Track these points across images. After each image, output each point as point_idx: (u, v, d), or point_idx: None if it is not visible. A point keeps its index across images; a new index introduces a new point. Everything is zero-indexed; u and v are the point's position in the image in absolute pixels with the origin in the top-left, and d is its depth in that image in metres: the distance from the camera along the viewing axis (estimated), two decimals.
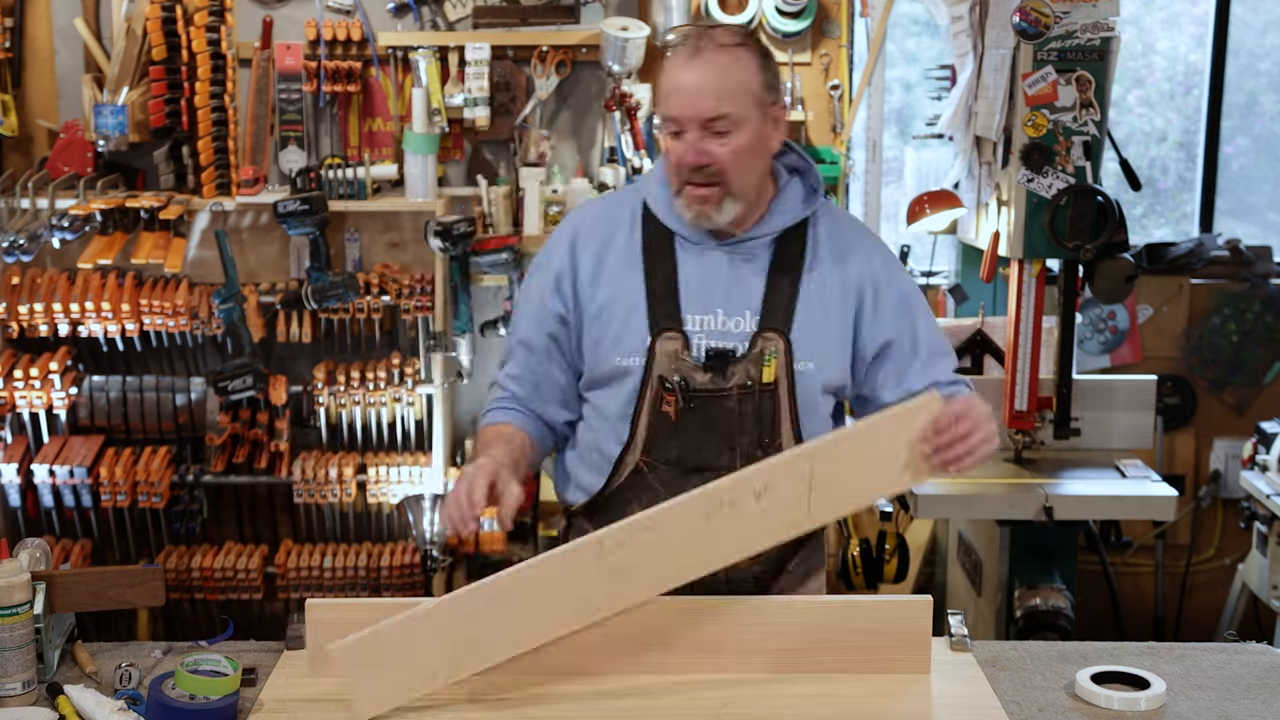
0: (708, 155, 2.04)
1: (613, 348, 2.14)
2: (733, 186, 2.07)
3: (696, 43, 2.04)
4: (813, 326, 2.13)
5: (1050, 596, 3.53)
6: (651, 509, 1.93)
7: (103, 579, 2.12)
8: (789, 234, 2.16)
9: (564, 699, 1.97)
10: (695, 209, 2.09)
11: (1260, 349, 4.42)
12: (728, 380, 2.11)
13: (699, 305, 2.12)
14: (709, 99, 2.01)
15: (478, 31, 3.97)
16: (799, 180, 2.20)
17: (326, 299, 3.87)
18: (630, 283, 2.14)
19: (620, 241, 2.17)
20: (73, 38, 4.00)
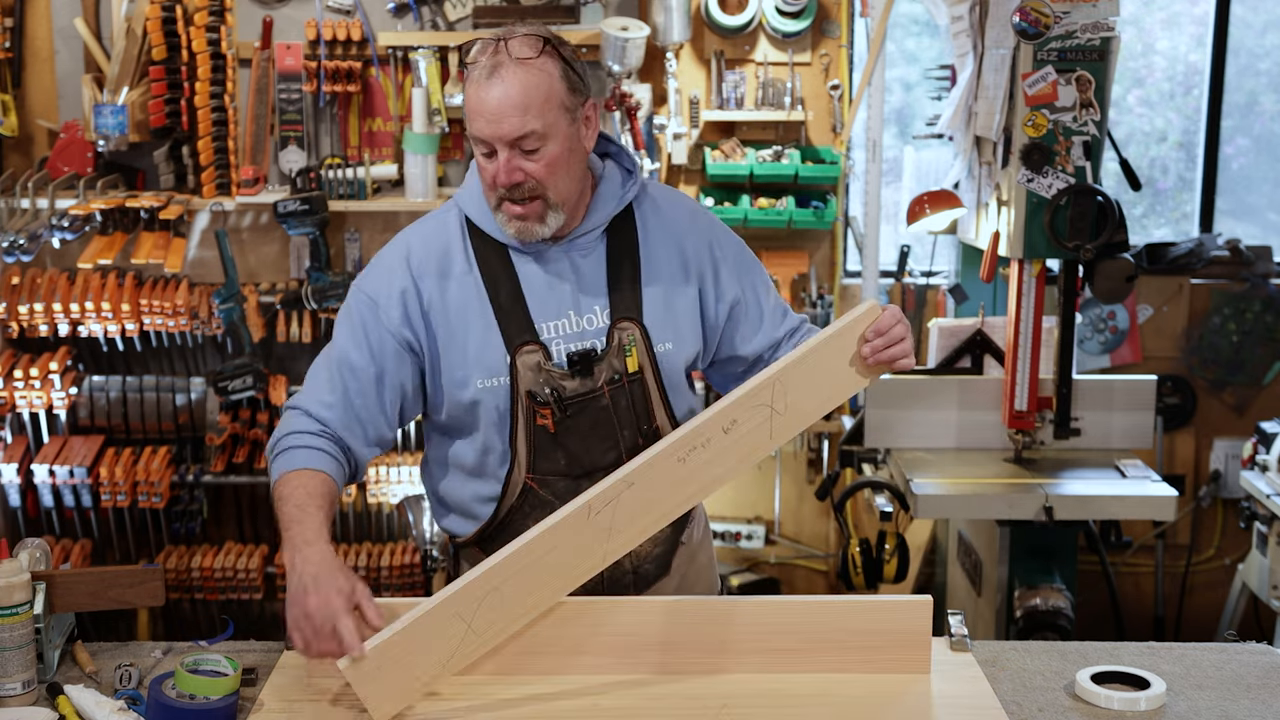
0: (521, 173, 1.98)
1: (473, 371, 2.07)
2: (551, 198, 2.01)
3: (494, 59, 1.95)
4: (663, 307, 2.13)
5: (1050, 596, 3.53)
6: (629, 464, 1.96)
7: (103, 579, 2.12)
8: (617, 220, 2.13)
9: (562, 698, 1.97)
10: (516, 225, 2.03)
11: (1260, 349, 4.42)
12: (596, 380, 2.09)
13: (549, 312, 2.08)
14: (513, 118, 1.94)
15: (478, 31, 3.97)
16: (613, 163, 2.16)
17: (326, 299, 3.87)
18: (475, 302, 2.07)
19: (456, 261, 2.09)
20: (73, 38, 4.00)
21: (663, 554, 2.24)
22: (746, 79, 4.13)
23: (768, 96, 4.10)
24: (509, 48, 1.95)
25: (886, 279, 4.32)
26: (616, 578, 2.18)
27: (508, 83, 1.94)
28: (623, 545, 1.98)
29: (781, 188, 4.12)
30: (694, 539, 2.31)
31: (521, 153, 1.97)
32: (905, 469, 3.60)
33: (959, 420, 3.77)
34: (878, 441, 3.79)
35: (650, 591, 2.24)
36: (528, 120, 1.94)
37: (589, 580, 2.01)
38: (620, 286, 2.10)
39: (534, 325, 2.07)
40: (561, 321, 2.09)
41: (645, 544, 2.15)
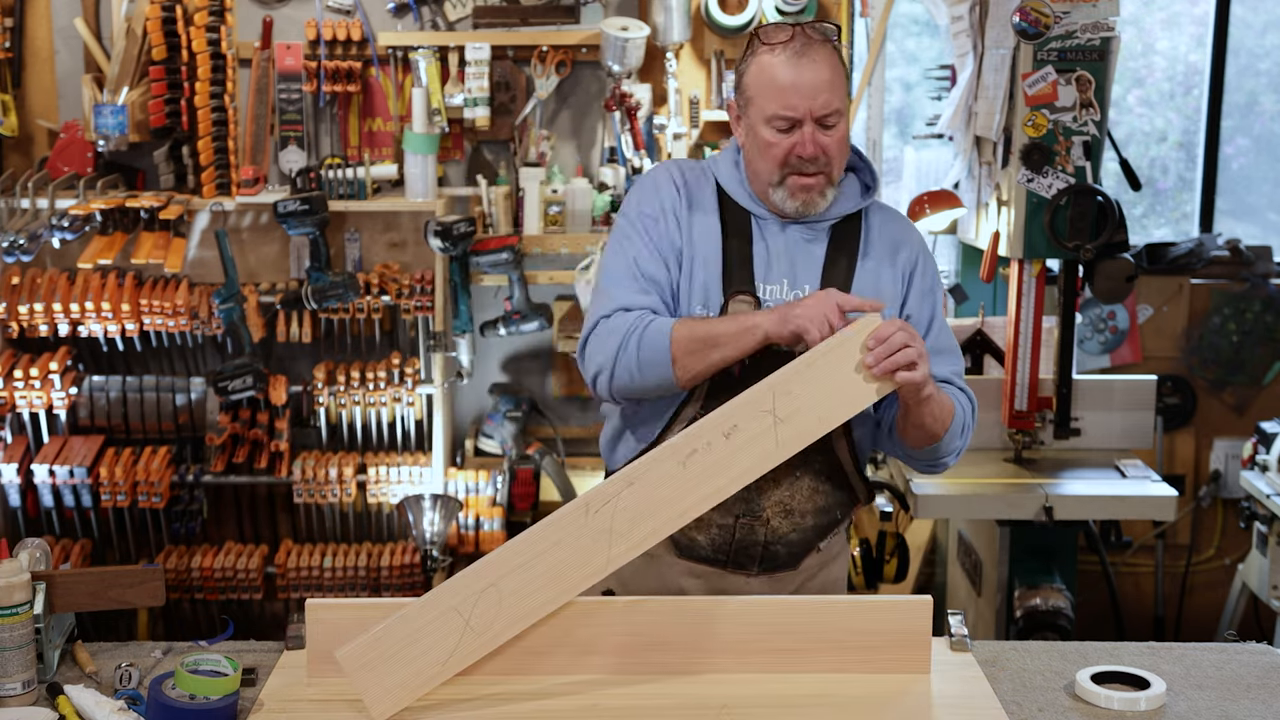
0: (820, 147, 2.15)
1: (692, 294, 2.21)
2: (834, 173, 2.20)
3: (801, 40, 2.13)
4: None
5: (1050, 596, 3.53)
6: (631, 463, 1.99)
7: (103, 579, 2.12)
8: (845, 222, 2.27)
9: (563, 698, 1.97)
10: (801, 198, 2.19)
11: (1260, 349, 4.42)
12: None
13: (769, 275, 2.22)
14: (823, 94, 2.12)
15: (478, 31, 3.97)
16: (855, 176, 2.33)
17: (326, 299, 3.87)
18: (712, 244, 2.23)
19: (707, 200, 2.26)
20: (73, 38, 4.00)
21: (798, 543, 2.28)
22: None
23: None
24: (808, 32, 2.15)
25: None
26: (747, 544, 2.23)
27: (817, 62, 2.13)
28: (625, 552, 1.97)
29: None
30: (831, 551, 2.35)
31: (822, 127, 2.15)
32: (905, 469, 3.60)
33: None
34: None
35: (774, 575, 2.28)
36: (833, 98, 2.14)
37: (720, 536, 2.19)
38: (833, 273, 2.23)
39: (754, 280, 2.21)
40: (775, 286, 2.22)
41: (785, 524, 2.24)
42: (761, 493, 2.20)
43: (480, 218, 3.97)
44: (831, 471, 2.25)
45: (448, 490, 4.04)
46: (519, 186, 4.01)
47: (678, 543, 2.27)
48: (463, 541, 4.03)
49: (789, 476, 2.20)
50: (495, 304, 4.10)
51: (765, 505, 2.22)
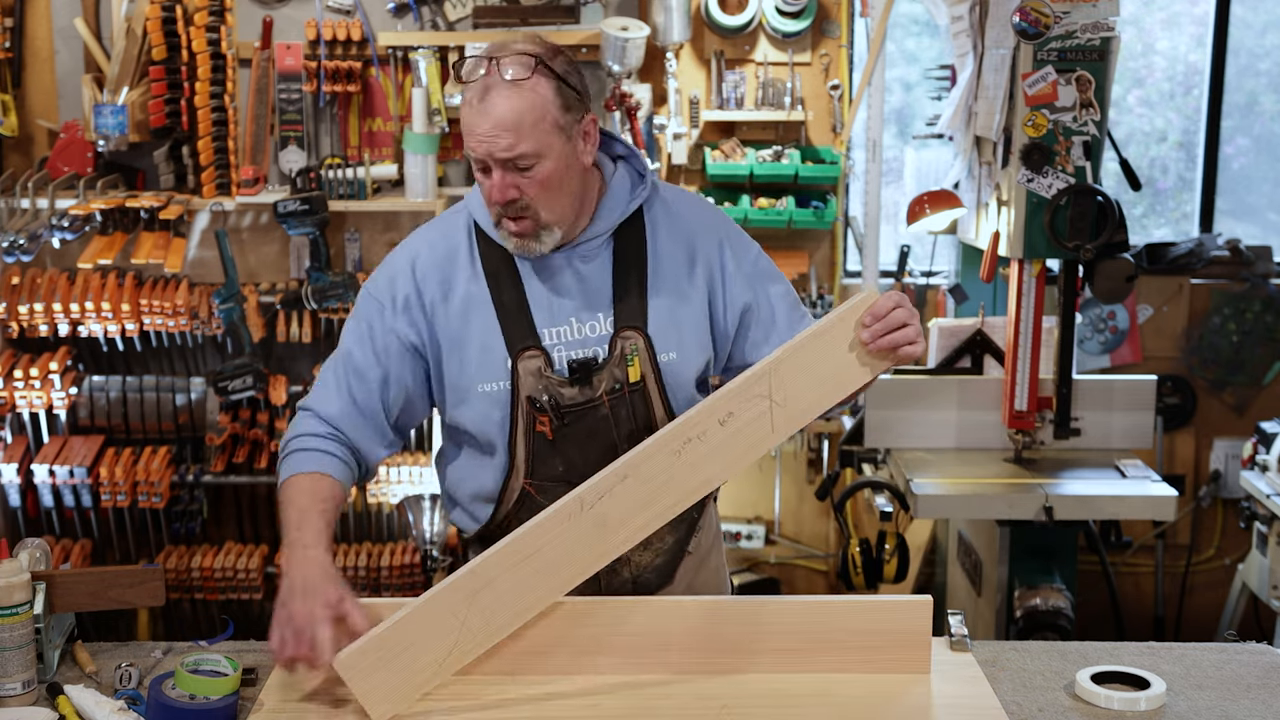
0: (515, 190, 1.99)
1: (475, 374, 2.08)
2: (544, 218, 2.02)
3: (485, 80, 1.95)
4: (668, 316, 2.11)
5: (1050, 596, 3.53)
6: (623, 456, 1.94)
7: (103, 579, 2.12)
8: (625, 226, 2.12)
9: (563, 698, 1.97)
10: (514, 242, 2.05)
11: (1260, 349, 4.42)
12: (596, 389, 2.08)
13: (552, 318, 2.08)
14: (504, 140, 1.95)
15: (478, 31, 3.97)
16: (625, 166, 2.16)
17: (326, 299, 3.87)
18: (480, 307, 2.09)
19: (462, 264, 2.11)
20: (73, 38, 4.00)
21: (665, 564, 2.21)
22: (746, 79, 4.13)
23: (768, 96, 4.10)
24: (500, 68, 1.95)
25: (886, 279, 4.32)
26: (615, 588, 2.16)
27: (500, 105, 1.94)
28: (621, 543, 1.97)
29: (781, 188, 4.12)
30: (702, 547, 2.27)
31: (516, 170, 1.98)
32: (905, 469, 3.60)
33: (959, 420, 3.77)
34: (878, 441, 3.79)
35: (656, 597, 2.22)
36: (520, 142, 1.95)
37: (586, 591, 2.01)
38: (626, 294, 2.09)
39: (536, 331, 2.07)
40: (564, 328, 2.09)
41: (646, 555, 2.15)
42: None
43: None
44: None
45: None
46: None
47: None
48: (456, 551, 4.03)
49: None
50: None
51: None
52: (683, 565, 2.24)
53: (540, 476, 2.11)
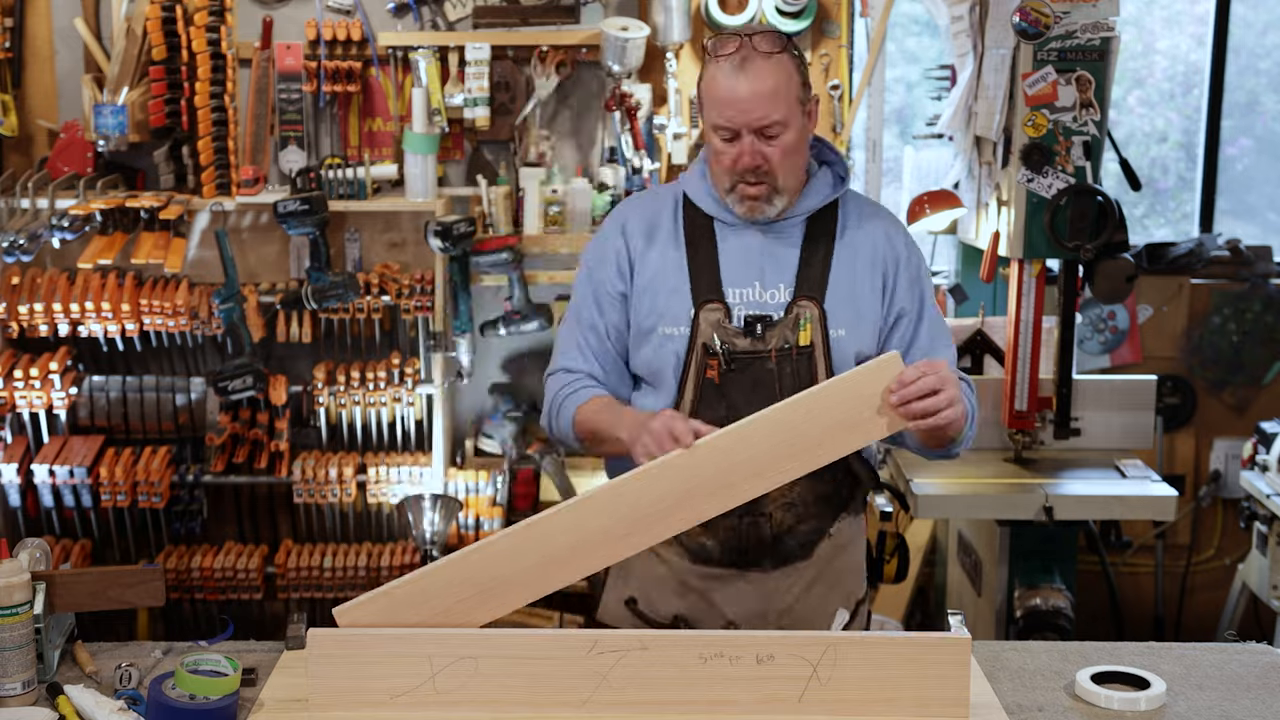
0: (761, 158, 2.18)
1: (659, 318, 2.26)
2: (781, 183, 2.22)
3: (743, 52, 2.15)
4: (845, 296, 2.26)
5: (1050, 596, 3.53)
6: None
7: (103, 579, 2.12)
8: (819, 214, 2.30)
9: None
10: (748, 205, 2.23)
11: (1260, 349, 4.42)
12: (766, 343, 2.23)
13: (738, 279, 2.26)
14: (761, 107, 2.14)
15: (478, 31, 3.97)
16: (828, 169, 2.35)
17: (326, 299, 3.87)
18: (674, 260, 2.28)
19: (665, 224, 2.32)
20: (73, 38, 4.00)
21: (808, 533, 2.29)
22: None
23: None
24: (754, 43, 2.16)
25: None
26: (754, 542, 2.26)
27: (757, 74, 2.15)
28: (658, 532, 2.02)
29: None
30: (843, 535, 2.36)
31: (763, 138, 2.17)
32: (905, 469, 3.60)
33: None
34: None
35: (789, 567, 2.29)
36: (773, 110, 2.15)
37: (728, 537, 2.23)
38: (809, 269, 2.26)
39: (722, 287, 2.25)
40: (747, 289, 2.26)
41: (788, 517, 2.26)
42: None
43: (480, 218, 3.97)
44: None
45: (448, 490, 4.04)
46: (519, 186, 4.01)
47: (689, 549, 2.29)
48: (463, 541, 4.03)
49: None
50: (495, 304, 4.10)
51: (766, 502, 2.24)
52: (823, 544, 2.32)
53: (703, 419, 2.16)
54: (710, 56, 2.20)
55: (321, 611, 3.97)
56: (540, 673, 1.94)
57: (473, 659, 1.94)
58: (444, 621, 1.98)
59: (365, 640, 1.93)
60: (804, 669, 1.94)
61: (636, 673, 1.94)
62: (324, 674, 1.93)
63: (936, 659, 1.96)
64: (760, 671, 1.94)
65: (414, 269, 4.05)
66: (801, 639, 1.94)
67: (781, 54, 2.17)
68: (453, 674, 1.94)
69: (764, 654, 1.93)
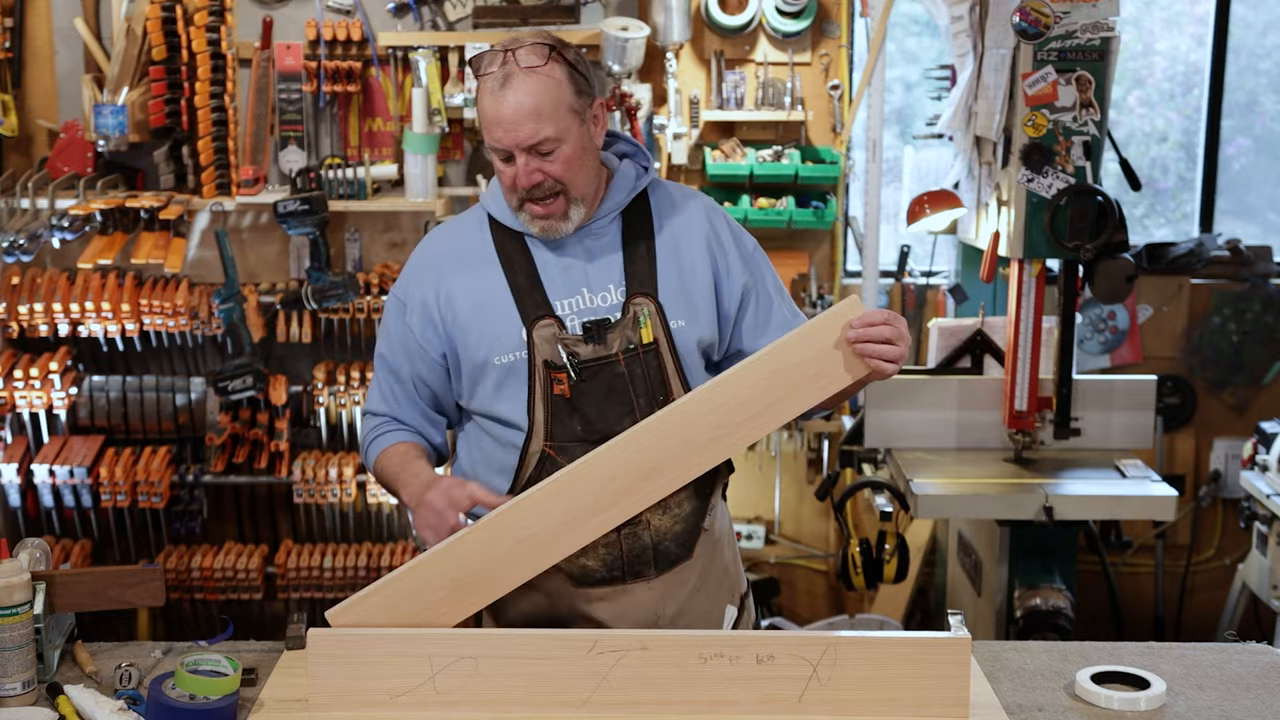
0: (540, 174, 2.10)
1: (492, 348, 2.17)
2: (572, 192, 2.13)
3: (506, 68, 2.06)
4: (677, 286, 2.21)
5: (1050, 596, 3.53)
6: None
7: (103, 579, 2.12)
8: (631, 208, 2.24)
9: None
10: (540, 224, 2.15)
11: (1260, 349, 4.42)
12: (610, 347, 2.16)
13: (564, 290, 2.18)
14: (527, 126, 2.06)
15: (478, 31, 3.97)
16: (629, 162, 2.28)
17: (326, 299, 3.87)
18: (495, 289, 2.19)
19: (476, 255, 2.22)
20: (73, 38, 4.00)
21: (684, 533, 2.24)
22: (746, 79, 4.13)
23: (768, 96, 4.10)
24: (517, 58, 2.06)
25: (886, 279, 4.32)
26: (637, 552, 2.19)
27: (519, 92, 2.05)
28: (636, 502, 2.03)
29: (781, 188, 4.12)
30: (715, 529, 2.31)
31: (538, 155, 2.09)
32: (905, 469, 3.60)
33: (959, 420, 3.77)
34: (878, 441, 3.79)
35: (672, 573, 2.23)
36: (541, 126, 2.06)
37: (609, 554, 2.15)
38: (635, 265, 2.20)
39: (550, 301, 2.17)
40: (576, 298, 2.18)
41: (665, 519, 2.21)
42: None
43: None
44: None
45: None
46: None
47: (571, 574, 2.20)
48: None
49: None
50: None
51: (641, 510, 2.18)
52: (700, 541, 2.27)
53: (560, 438, 2.15)
54: (475, 75, 2.10)
55: (321, 611, 3.94)
56: (540, 673, 1.94)
57: (473, 659, 1.94)
58: (442, 613, 1.98)
59: (365, 640, 1.93)
60: (804, 669, 1.94)
61: (636, 673, 1.94)
62: (324, 674, 1.93)
63: (936, 659, 1.96)
64: (760, 671, 1.94)
65: None
66: (801, 639, 1.94)
67: (546, 66, 2.06)
68: (453, 674, 1.94)
69: (764, 654, 1.93)
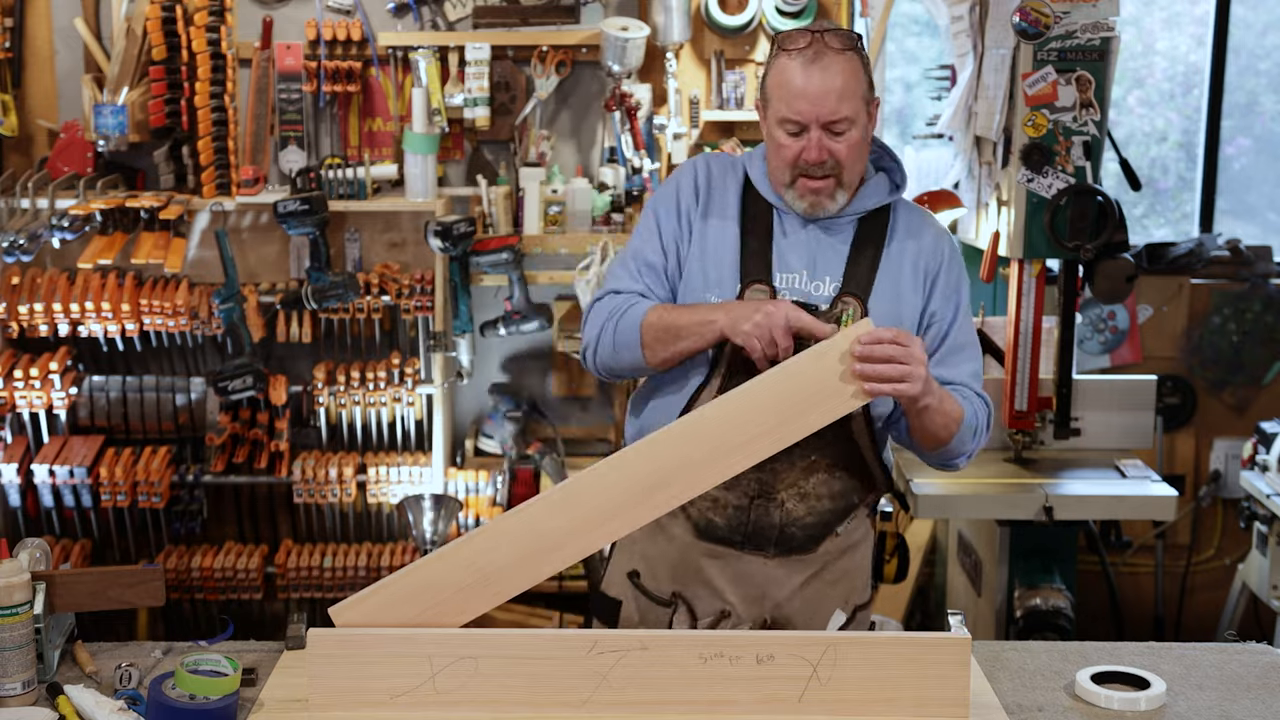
0: (828, 152, 2.19)
1: (709, 286, 2.26)
2: (845, 178, 2.23)
3: (816, 46, 2.17)
4: (888, 296, 2.26)
5: (1050, 596, 3.53)
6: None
7: (103, 579, 2.12)
8: (871, 217, 2.31)
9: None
10: (809, 200, 2.24)
11: (1260, 349, 4.42)
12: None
13: (788, 265, 2.26)
14: (831, 103, 2.16)
15: (478, 31, 3.97)
16: (884, 175, 2.36)
17: (326, 299, 3.87)
18: (731, 233, 2.28)
19: (731, 195, 2.32)
20: (73, 38, 4.00)
21: (814, 525, 2.28)
22: (746, 79, 4.13)
23: None
24: (827, 39, 2.17)
25: None
26: (763, 526, 2.25)
27: (829, 70, 2.16)
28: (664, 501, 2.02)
29: None
30: (850, 537, 2.35)
31: (831, 134, 2.18)
32: (905, 469, 3.60)
33: None
34: None
35: (791, 557, 2.28)
36: (842, 106, 2.16)
37: (737, 517, 2.23)
38: (856, 267, 2.26)
39: (771, 270, 2.25)
40: (794, 276, 2.25)
41: (800, 507, 2.25)
42: (776, 476, 2.23)
43: (480, 218, 3.97)
44: (848, 458, 2.26)
45: (448, 490, 4.04)
46: (519, 186, 4.01)
47: (696, 524, 2.29)
48: None
49: (804, 460, 2.23)
50: (495, 304, 4.10)
51: (779, 488, 2.24)
52: (829, 541, 2.31)
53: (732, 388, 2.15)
54: (780, 50, 2.21)
55: (321, 611, 3.97)
56: (540, 673, 1.94)
57: (473, 659, 1.94)
58: (445, 612, 1.98)
59: (365, 640, 1.93)
60: (804, 669, 1.94)
61: (636, 673, 1.94)
62: (324, 674, 1.93)
63: (936, 659, 1.96)
64: (760, 671, 1.94)
65: (414, 269, 4.05)
66: (801, 639, 1.95)
67: (851, 52, 2.18)
68: (453, 674, 1.94)
69: (764, 654, 1.93)
